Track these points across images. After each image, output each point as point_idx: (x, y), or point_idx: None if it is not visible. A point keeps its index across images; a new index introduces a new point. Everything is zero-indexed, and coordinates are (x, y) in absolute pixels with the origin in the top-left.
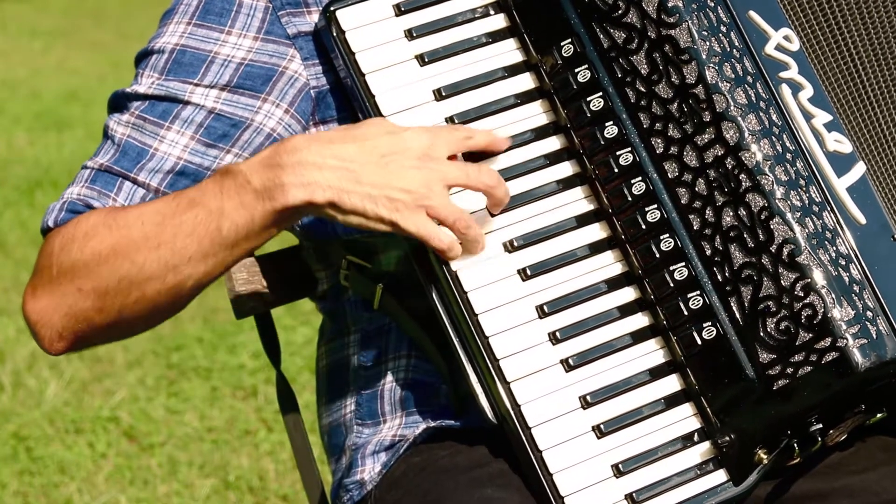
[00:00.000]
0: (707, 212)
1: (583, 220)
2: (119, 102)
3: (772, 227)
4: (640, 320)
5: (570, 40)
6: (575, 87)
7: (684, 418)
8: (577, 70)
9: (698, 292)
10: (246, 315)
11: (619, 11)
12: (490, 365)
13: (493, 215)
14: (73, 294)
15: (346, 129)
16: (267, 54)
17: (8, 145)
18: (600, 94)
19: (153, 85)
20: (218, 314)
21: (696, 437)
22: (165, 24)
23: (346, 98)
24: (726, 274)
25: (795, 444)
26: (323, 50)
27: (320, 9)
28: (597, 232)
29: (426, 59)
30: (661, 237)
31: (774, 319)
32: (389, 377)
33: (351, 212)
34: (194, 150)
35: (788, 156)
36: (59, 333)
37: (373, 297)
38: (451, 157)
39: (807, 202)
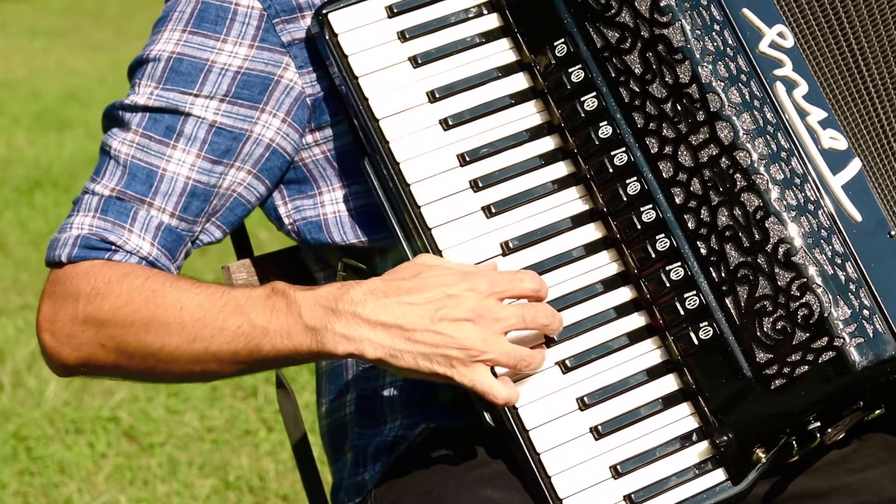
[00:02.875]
0: (702, 211)
1: (578, 221)
2: (118, 117)
3: (767, 226)
4: (636, 320)
5: (563, 40)
6: (569, 87)
7: (682, 418)
8: (570, 70)
9: (694, 292)
10: None
11: (612, 11)
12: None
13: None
14: (95, 346)
15: (402, 277)
16: (263, 62)
17: (8, 145)
18: (594, 93)
19: (152, 95)
20: None
21: (694, 437)
22: (160, 31)
23: (341, 104)
24: (722, 274)
25: (794, 442)
26: (317, 57)
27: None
28: (592, 232)
29: (419, 61)
30: (657, 237)
31: (771, 319)
32: (388, 379)
33: (403, 369)
34: (201, 169)
35: (783, 154)
36: (71, 368)
37: None
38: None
39: (802, 201)
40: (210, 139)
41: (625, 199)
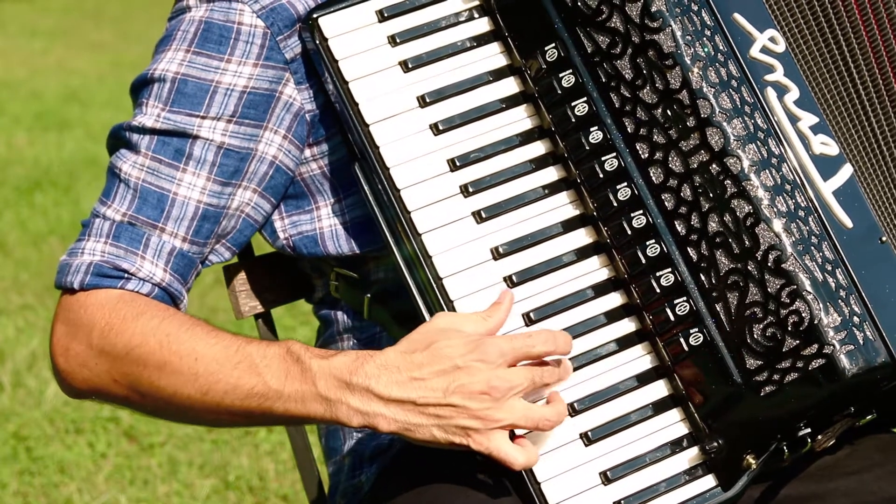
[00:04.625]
0: (693, 217)
1: (568, 226)
2: (125, 139)
3: (757, 233)
4: (626, 326)
5: (554, 44)
6: (559, 91)
7: (672, 424)
8: (561, 75)
9: (685, 298)
10: (246, 315)
11: (603, 16)
12: None
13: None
14: (108, 380)
15: (415, 347)
16: (266, 80)
17: (8, 145)
18: (585, 98)
19: (159, 118)
20: (218, 314)
21: (684, 443)
22: (163, 50)
23: (336, 118)
24: (712, 280)
25: (784, 448)
26: (314, 72)
27: None
28: (583, 237)
29: (410, 65)
30: (647, 243)
31: (761, 326)
32: None
33: (420, 441)
34: (212, 192)
35: (774, 161)
36: (82, 392)
37: (362, 308)
38: None
39: (792, 207)
40: (219, 161)
41: (615, 204)
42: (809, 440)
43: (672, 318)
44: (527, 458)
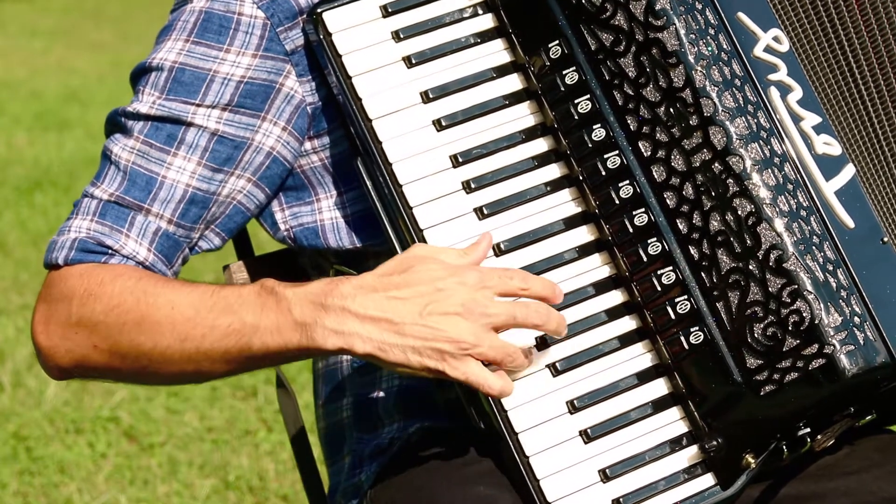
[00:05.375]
0: (694, 216)
1: (570, 223)
2: (120, 123)
3: (759, 232)
4: (627, 324)
5: (557, 42)
6: (562, 89)
7: (672, 422)
8: (564, 72)
9: (686, 296)
10: None
11: (607, 13)
12: None
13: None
14: (88, 348)
15: (392, 272)
16: (265, 71)
17: (8, 145)
18: (588, 96)
19: (155, 105)
20: None
21: (683, 442)
22: (163, 40)
23: (339, 111)
24: (713, 278)
25: (784, 448)
26: (317, 65)
27: None
28: (584, 235)
29: (413, 61)
30: (649, 241)
31: (762, 325)
32: (384, 384)
33: (393, 363)
34: (202, 177)
35: (776, 160)
36: (66, 370)
37: None
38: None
39: (794, 207)
40: (211, 147)
41: (617, 202)
42: (809, 440)
43: (673, 316)
44: (502, 385)
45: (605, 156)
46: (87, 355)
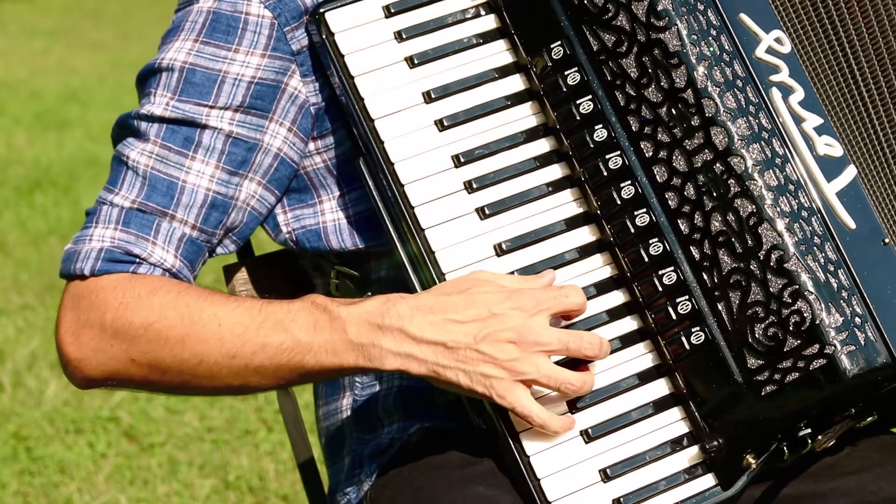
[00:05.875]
0: (696, 216)
1: (572, 224)
2: (133, 127)
3: (760, 232)
4: (628, 324)
5: (559, 42)
6: (564, 89)
7: (672, 423)
8: (566, 72)
9: (687, 297)
10: None
11: (609, 14)
12: None
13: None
14: (125, 361)
15: (450, 292)
16: (273, 71)
17: (8, 145)
18: (590, 97)
19: (168, 106)
20: None
21: (684, 442)
22: (171, 40)
23: (341, 112)
24: (715, 279)
25: (785, 448)
26: (320, 65)
27: None
28: (586, 235)
29: (416, 62)
30: (650, 241)
31: (762, 325)
32: (383, 384)
33: (446, 384)
34: (220, 181)
35: (778, 161)
36: (95, 381)
37: None
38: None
39: (796, 207)
40: (227, 150)
41: (619, 202)
42: (810, 441)
43: (674, 316)
44: (545, 419)
45: (607, 156)
46: (122, 368)
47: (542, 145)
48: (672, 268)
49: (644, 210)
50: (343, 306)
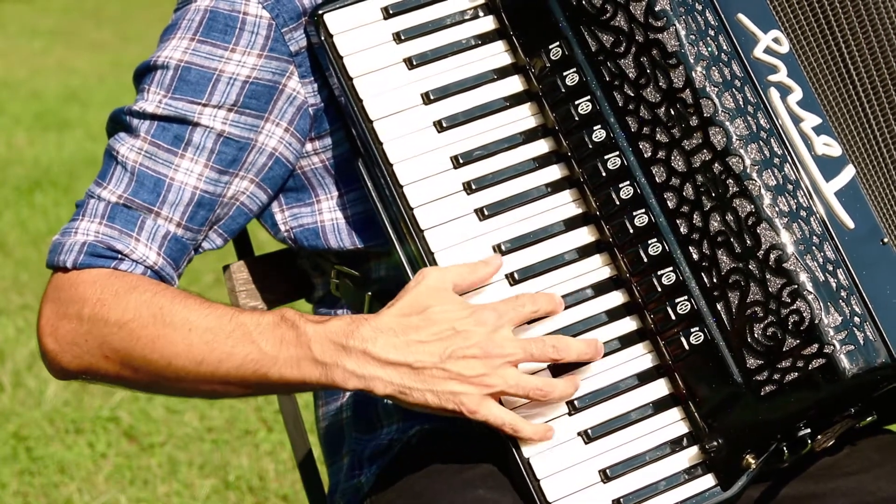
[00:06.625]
0: (694, 217)
1: (571, 224)
2: (125, 122)
3: (759, 232)
4: (627, 324)
5: (558, 43)
6: (563, 90)
7: (672, 423)
8: (565, 73)
9: (686, 297)
10: None
11: (607, 15)
12: None
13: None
14: (98, 356)
15: (410, 311)
16: (270, 71)
17: (8, 145)
18: (588, 97)
19: (161, 104)
20: None
21: (684, 442)
22: (168, 38)
23: (340, 113)
24: (713, 279)
25: (784, 448)
26: (319, 66)
27: None
28: (585, 236)
29: (414, 63)
30: (649, 242)
31: (762, 325)
32: None
33: (412, 405)
34: (208, 179)
35: (776, 160)
36: (71, 373)
37: (362, 307)
38: None
39: (794, 207)
40: (218, 149)
41: (618, 203)
42: (809, 441)
43: (673, 317)
44: (519, 425)
45: (606, 157)
46: (95, 363)
47: (541, 146)
48: (671, 268)
49: (643, 210)
50: (310, 323)
